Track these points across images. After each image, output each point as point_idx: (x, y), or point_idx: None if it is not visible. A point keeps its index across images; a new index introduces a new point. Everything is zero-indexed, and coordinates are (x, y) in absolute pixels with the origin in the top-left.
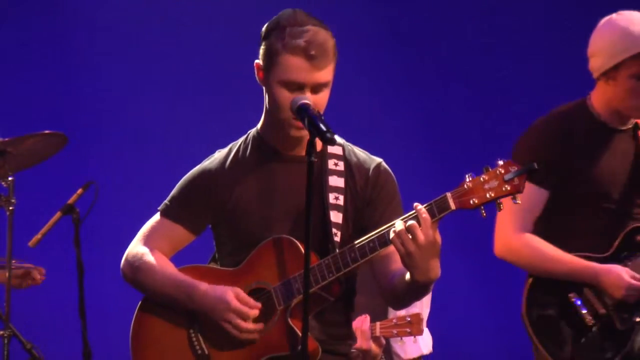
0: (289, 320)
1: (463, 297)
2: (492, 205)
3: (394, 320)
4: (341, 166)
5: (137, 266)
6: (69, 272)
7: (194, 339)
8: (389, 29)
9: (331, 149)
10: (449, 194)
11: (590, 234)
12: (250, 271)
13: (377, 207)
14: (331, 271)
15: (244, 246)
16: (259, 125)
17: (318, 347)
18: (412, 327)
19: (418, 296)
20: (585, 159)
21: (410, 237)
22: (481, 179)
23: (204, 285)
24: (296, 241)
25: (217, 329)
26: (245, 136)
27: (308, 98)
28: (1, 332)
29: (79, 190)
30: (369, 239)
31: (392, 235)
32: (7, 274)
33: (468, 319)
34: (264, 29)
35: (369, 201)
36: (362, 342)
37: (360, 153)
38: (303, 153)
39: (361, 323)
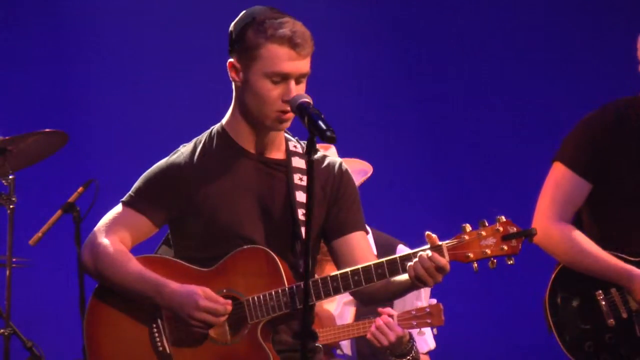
0: (259, 337)
1: (464, 293)
2: (485, 261)
3: (413, 312)
4: (304, 181)
5: (99, 258)
6: (70, 270)
7: (157, 334)
8: (388, 28)
9: (295, 163)
10: (444, 245)
11: (632, 233)
12: (222, 276)
13: (342, 207)
14: (328, 292)
15: (211, 243)
16: (224, 122)
17: None
18: (432, 317)
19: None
20: (634, 154)
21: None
22: (479, 234)
23: (173, 284)
24: (275, 257)
25: (183, 329)
26: (209, 132)
27: (306, 95)
28: (2, 331)
29: (80, 189)
30: (377, 265)
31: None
32: None
33: (470, 315)
34: (233, 27)
35: (334, 201)
36: (391, 335)
37: (321, 156)
38: (270, 155)
39: (382, 321)
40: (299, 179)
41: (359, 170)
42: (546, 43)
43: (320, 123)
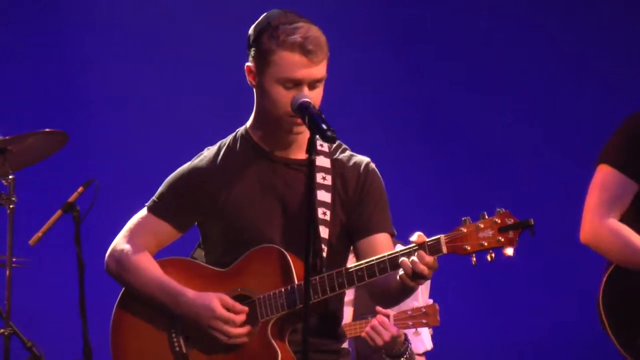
0: (269, 335)
1: (463, 293)
2: (483, 253)
3: (409, 312)
4: (329, 180)
5: (123, 264)
6: (70, 270)
7: (175, 339)
8: (389, 28)
9: (320, 162)
10: (442, 238)
11: None
12: (237, 276)
13: (367, 207)
14: (333, 288)
15: (234, 245)
16: (247, 125)
17: None
18: (428, 317)
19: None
20: None
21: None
22: (477, 226)
23: (190, 292)
24: (288, 255)
25: (199, 334)
26: (233, 135)
27: (307, 95)
28: (2, 330)
29: (80, 189)
30: (379, 260)
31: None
32: None
33: (467, 315)
34: (251, 31)
35: (358, 202)
36: (386, 334)
37: (350, 155)
38: (293, 156)
39: (378, 320)
40: (322, 178)
41: None
42: (546, 43)
43: (321, 122)
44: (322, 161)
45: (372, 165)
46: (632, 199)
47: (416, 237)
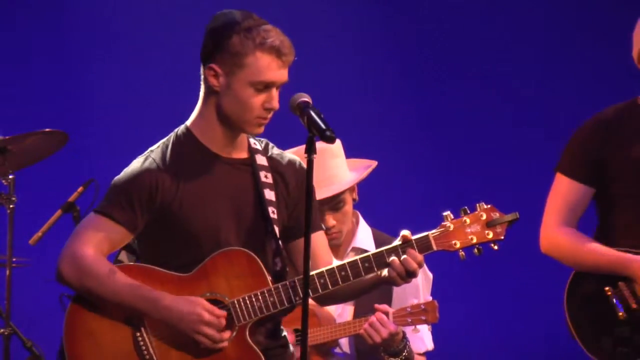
0: (248, 338)
1: (463, 293)
2: (470, 248)
3: (408, 309)
4: (270, 178)
5: (83, 270)
6: None
7: (142, 343)
8: (387, 30)
9: (259, 160)
10: (430, 235)
11: (635, 227)
12: (204, 280)
13: (300, 205)
14: (316, 290)
15: (187, 247)
16: (189, 124)
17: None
18: (427, 314)
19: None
20: (633, 154)
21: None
22: (463, 221)
23: (169, 297)
24: (257, 258)
25: (175, 340)
26: (174, 134)
27: (306, 95)
28: (1, 330)
29: (80, 188)
30: (364, 259)
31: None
32: None
33: (469, 316)
34: (213, 32)
35: (298, 200)
36: (384, 331)
37: (281, 153)
38: (235, 156)
39: (376, 317)
40: (265, 177)
41: (365, 166)
42: (545, 43)
43: (320, 122)
44: (260, 159)
45: (304, 164)
46: (587, 203)
47: (408, 234)
